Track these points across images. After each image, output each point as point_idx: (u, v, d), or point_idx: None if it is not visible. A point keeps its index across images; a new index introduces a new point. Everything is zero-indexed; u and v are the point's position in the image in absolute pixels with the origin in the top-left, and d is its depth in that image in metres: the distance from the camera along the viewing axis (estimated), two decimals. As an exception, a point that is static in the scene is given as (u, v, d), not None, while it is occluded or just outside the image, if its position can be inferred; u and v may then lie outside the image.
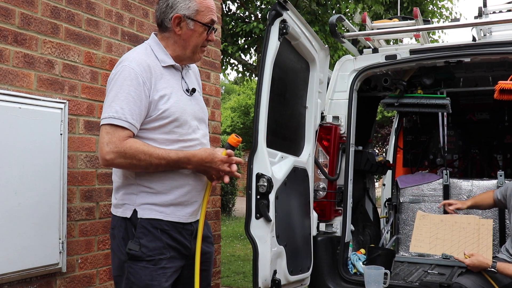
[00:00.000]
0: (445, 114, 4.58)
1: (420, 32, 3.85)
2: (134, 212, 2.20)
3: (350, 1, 11.39)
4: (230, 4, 11.47)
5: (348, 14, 11.18)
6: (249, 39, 11.13)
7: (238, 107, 26.02)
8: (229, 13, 11.50)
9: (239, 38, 11.32)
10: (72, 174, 3.10)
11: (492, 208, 3.82)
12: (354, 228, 3.92)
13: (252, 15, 11.41)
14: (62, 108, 3.01)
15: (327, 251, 3.60)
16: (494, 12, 3.96)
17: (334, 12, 10.98)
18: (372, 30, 3.99)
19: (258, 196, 2.85)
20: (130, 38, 3.57)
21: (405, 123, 5.49)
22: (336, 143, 3.79)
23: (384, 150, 16.28)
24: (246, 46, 11.24)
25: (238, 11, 11.46)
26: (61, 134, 2.99)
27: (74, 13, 3.15)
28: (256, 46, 11.20)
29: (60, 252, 2.97)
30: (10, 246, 2.67)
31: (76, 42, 3.17)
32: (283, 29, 3.02)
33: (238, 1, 11.31)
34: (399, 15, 5.20)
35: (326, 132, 3.77)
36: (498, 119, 5.23)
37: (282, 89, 3.25)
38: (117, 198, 2.27)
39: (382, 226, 4.96)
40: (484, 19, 3.73)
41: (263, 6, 10.93)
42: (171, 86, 2.25)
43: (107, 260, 3.30)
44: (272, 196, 2.91)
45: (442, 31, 13.09)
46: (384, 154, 9.68)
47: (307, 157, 3.51)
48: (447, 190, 4.25)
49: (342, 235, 3.68)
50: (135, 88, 2.14)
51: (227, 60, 11.94)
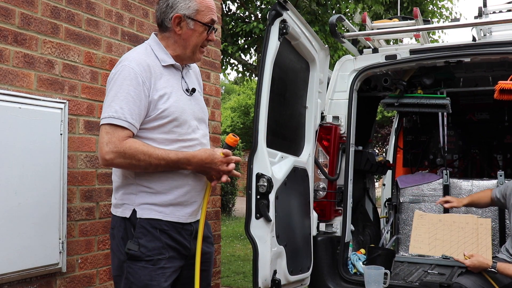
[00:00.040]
0: (445, 114, 4.58)
1: (420, 32, 3.86)
2: (134, 212, 2.20)
3: (350, 1, 11.39)
4: (230, 4, 11.47)
5: (348, 14, 11.18)
6: (249, 39, 11.13)
7: (238, 107, 26.02)
8: (229, 13, 11.50)
9: (239, 38, 11.32)
10: (72, 174, 3.10)
11: (489, 207, 3.81)
12: (354, 228, 3.92)
13: (252, 15, 11.41)
14: (62, 108, 3.01)
15: (327, 251, 3.60)
16: (494, 12, 3.96)
17: (334, 12, 10.98)
18: (372, 30, 3.99)
19: (258, 196, 2.85)
20: (130, 38, 3.57)
21: (405, 123, 5.49)
22: (336, 143, 3.79)
23: (384, 150, 16.27)
24: (246, 46, 11.24)
25: (238, 11, 11.46)
26: (61, 134, 2.99)
27: (74, 13, 3.15)
28: (256, 46, 11.20)
29: (60, 252, 2.97)
30: (10, 246, 2.67)
31: (76, 42, 3.17)
32: (283, 29, 3.02)
33: (238, 1, 11.31)
34: (399, 15, 5.20)
35: (326, 132, 3.78)
36: (498, 119, 5.23)
37: (282, 89, 3.25)
38: (116, 198, 2.27)
39: (382, 226, 4.96)
40: (484, 19, 3.73)
41: (263, 6, 10.93)
42: (171, 86, 2.25)
43: (107, 260, 3.30)
44: (272, 196, 2.91)
45: (442, 31, 13.09)
46: (384, 154, 9.67)
47: (307, 157, 3.51)
48: (447, 190, 4.25)
49: (342, 235, 3.68)
50: (135, 87, 2.14)
51: (227, 60, 11.94)
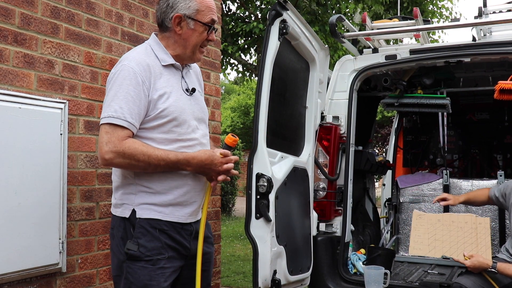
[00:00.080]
0: (445, 114, 4.58)
1: (420, 32, 3.85)
2: (133, 212, 2.20)
3: (350, 1, 11.39)
4: (230, 4, 11.47)
5: (348, 14, 11.18)
6: (249, 39, 11.13)
7: (238, 107, 26.02)
8: (229, 13, 11.50)
9: (239, 38, 11.32)
10: (72, 174, 3.10)
11: (485, 205, 3.81)
12: (354, 228, 3.92)
13: (252, 15, 11.41)
14: (62, 108, 3.01)
15: (327, 251, 3.60)
16: (494, 12, 3.96)
17: (334, 12, 10.98)
18: (372, 30, 3.99)
19: (258, 196, 2.85)
20: (130, 38, 3.57)
21: (405, 123, 5.48)
22: (336, 143, 3.79)
23: (384, 150, 16.28)
24: (246, 46, 11.24)
25: (238, 11, 11.46)
26: (61, 134, 2.99)
27: (74, 13, 3.15)
28: (256, 46, 11.19)
29: (60, 252, 2.97)
30: (10, 246, 2.67)
31: (76, 42, 3.17)
32: (283, 29, 3.02)
33: (238, 1, 11.31)
34: (399, 15, 5.19)
35: (326, 132, 3.77)
36: (498, 119, 5.22)
37: (282, 89, 3.25)
38: (116, 198, 2.27)
39: (382, 226, 4.96)
40: (484, 19, 3.73)
41: (263, 6, 10.93)
42: (170, 85, 2.25)
43: (107, 260, 3.30)
44: (272, 196, 2.91)
45: (442, 31, 13.09)
46: (384, 154, 9.67)
47: (307, 157, 3.51)
48: (447, 190, 4.24)
49: (342, 235, 3.67)
50: (134, 87, 2.14)
51: (227, 60, 11.94)
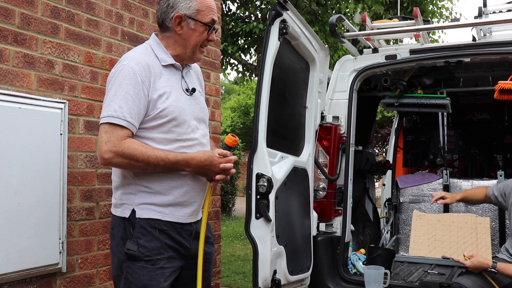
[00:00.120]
0: (445, 114, 4.58)
1: (420, 32, 3.85)
2: (133, 212, 2.20)
3: (350, 1, 11.39)
4: (230, 4, 11.47)
5: (348, 14, 11.18)
6: (249, 39, 11.13)
7: (238, 107, 26.02)
8: (229, 13, 11.50)
9: (239, 38, 11.32)
10: (72, 174, 3.10)
11: (482, 203, 3.81)
12: (354, 228, 3.92)
13: (252, 15, 11.41)
14: (62, 108, 3.01)
15: (327, 251, 3.60)
16: (494, 12, 3.96)
17: (334, 12, 10.98)
18: (372, 30, 3.99)
19: (258, 196, 2.85)
20: (130, 38, 3.57)
21: (405, 123, 5.48)
22: (336, 143, 3.79)
23: (384, 150, 16.28)
24: (246, 46, 11.23)
25: (238, 11, 11.46)
26: (61, 134, 2.99)
27: (74, 13, 3.15)
28: (256, 46, 11.19)
29: (60, 252, 2.97)
30: (10, 246, 2.67)
31: (76, 42, 3.17)
32: (283, 29, 3.02)
33: (238, 1, 11.31)
34: (399, 15, 5.19)
35: (326, 132, 3.77)
36: (498, 119, 5.22)
37: (282, 89, 3.25)
38: (116, 198, 2.27)
39: (382, 226, 4.96)
40: (484, 19, 3.73)
41: (263, 6, 10.93)
42: (170, 85, 2.25)
43: (107, 260, 3.30)
44: (272, 196, 2.91)
45: (442, 31, 13.09)
46: (384, 154, 9.67)
47: (307, 157, 3.51)
48: (447, 190, 4.24)
49: (342, 235, 3.67)
50: (134, 87, 2.14)
51: (227, 60, 11.94)
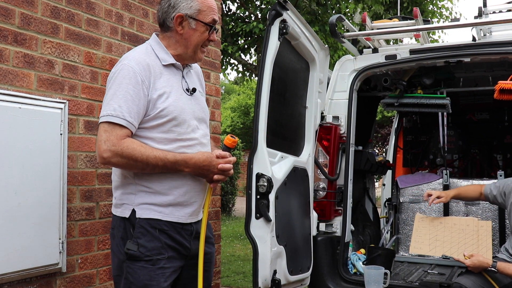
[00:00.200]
0: (445, 114, 4.58)
1: (420, 32, 3.85)
2: (133, 212, 2.20)
3: (350, 1, 11.39)
4: (230, 4, 11.47)
5: (348, 14, 11.17)
6: (249, 39, 11.13)
7: (238, 107, 26.02)
8: (229, 13, 11.50)
9: (239, 38, 11.32)
10: (72, 174, 3.10)
11: (476, 201, 3.82)
12: (354, 228, 3.92)
13: (252, 15, 11.41)
14: (62, 108, 3.01)
15: (327, 251, 3.60)
16: (494, 12, 3.96)
17: (334, 12, 10.98)
18: (372, 30, 3.99)
19: (258, 196, 2.85)
20: (130, 38, 3.57)
21: (405, 123, 5.49)
22: (336, 143, 3.79)
23: (384, 150, 16.28)
24: (246, 46, 11.24)
25: (238, 11, 11.46)
26: (61, 134, 2.99)
27: (74, 13, 3.15)
28: (256, 46, 11.19)
29: (60, 252, 2.97)
30: (10, 246, 2.67)
31: (76, 42, 3.17)
32: (283, 29, 3.02)
33: (238, 1, 11.31)
34: (399, 15, 5.19)
35: (326, 132, 3.78)
36: (498, 119, 5.22)
37: (282, 89, 3.25)
38: (116, 198, 2.27)
39: (382, 226, 4.96)
40: (484, 19, 3.73)
41: (263, 6, 10.93)
42: (170, 85, 2.25)
43: (107, 260, 3.30)
44: (272, 196, 2.91)
45: (442, 31, 13.09)
46: (384, 154, 9.68)
47: (307, 157, 3.51)
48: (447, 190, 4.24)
49: (342, 235, 3.68)
50: (134, 86, 2.14)
51: (227, 60, 11.94)
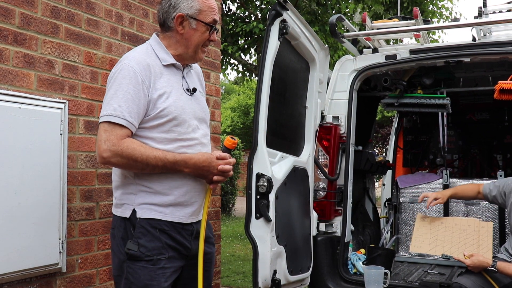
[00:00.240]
0: (445, 114, 4.58)
1: (420, 32, 3.86)
2: (133, 212, 2.20)
3: (350, 1, 11.39)
4: (230, 4, 11.47)
5: (348, 14, 11.17)
6: (249, 39, 11.13)
7: (238, 107, 26.02)
8: (229, 13, 11.50)
9: (239, 38, 11.32)
10: (72, 174, 3.10)
11: (475, 200, 3.82)
12: (354, 228, 3.92)
13: (252, 15, 11.41)
14: (62, 108, 3.01)
15: (327, 251, 3.60)
16: (494, 12, 3.96)
17: (334, 12, 10.98)
18: (372, 30, 3.99)
19: (258, 196, 2.85)
20: (130, 38, 3.57)
21: (405, 123, 5.49)
22: (336, 143, 3.79)
23: (384, 150, 16.28)
24: (246, 46, 11.23)
25: (238, 11, 11.46)
26: (61, 134, 2.99)
27: (74, 13, 3.15)
28: (256, 46, 11.19)
29: (60, 252, 2.97)
30: (10, 246, 2.67)
31: (76, 42, 3.17)
32: (283, 29, 3.02)
33: (238, 1, 11.31)
34: (399, 15, 5.19)
35: (326, 132, 3.78)
36: (498, 119, 5.23)
37: (282, 89, 3.25)
38: (116, 198, 2.27)
39: (382, 226, 4.96)
40: (484, 19, 3.73)
41: (263, 6, 10.93)
42: (170, 85, 2.25)
43: (107, 260, 3.30)
44: (272, 196, 2.91)
45: (442, 31, 13.09)
46: (384, 154, 9.67)
47: (307, 157, 3.51)
48: (446, 190, 4.24)
49: (342, 235, 3.68)
50: (134, 86, 2.14)
51: (227, 60, 11.94)
